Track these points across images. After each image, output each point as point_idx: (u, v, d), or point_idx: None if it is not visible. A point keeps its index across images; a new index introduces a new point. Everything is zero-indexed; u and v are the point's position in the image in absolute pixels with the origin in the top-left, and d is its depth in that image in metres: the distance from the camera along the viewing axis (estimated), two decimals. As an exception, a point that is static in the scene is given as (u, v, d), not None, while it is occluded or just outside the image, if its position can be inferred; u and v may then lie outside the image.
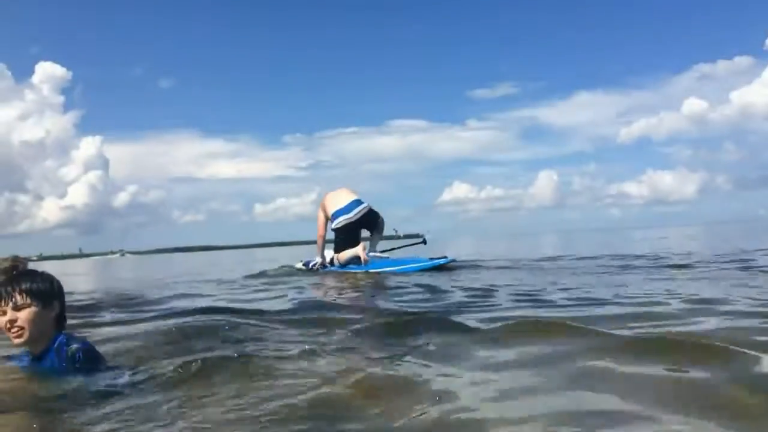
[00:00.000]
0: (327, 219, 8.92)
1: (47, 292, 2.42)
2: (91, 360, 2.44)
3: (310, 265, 9.30)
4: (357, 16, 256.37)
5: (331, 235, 9.00)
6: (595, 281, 5.69)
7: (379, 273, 7.94)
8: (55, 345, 2.39)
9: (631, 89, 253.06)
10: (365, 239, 8.93)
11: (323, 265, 9.06)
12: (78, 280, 13.96)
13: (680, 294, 4.27)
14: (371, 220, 8.77)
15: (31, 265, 2.62)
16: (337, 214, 8.66)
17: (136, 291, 7.24)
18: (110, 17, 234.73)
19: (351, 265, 8.54)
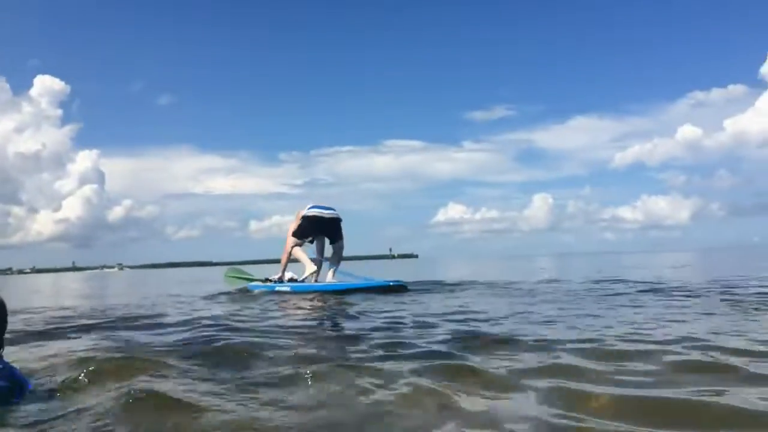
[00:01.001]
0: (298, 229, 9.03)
1: None
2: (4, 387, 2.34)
3: (269, 278, 9.40)
4: (354, 36, 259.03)
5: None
6: (548, 307, 5.84)
7: (335, 293, 8.09)
8: None
9: (626, 115, 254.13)
10: (320, 260, 9.22)
11: (280, 279, 9.20)
12: (90, 291, 14.11)
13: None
14: (336, 230, 9.09)
15: (23, 278, 2.71)
16: (315, 207, 9.01)
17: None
18: (111, 33, 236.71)
19: (307, 285, 8.78)
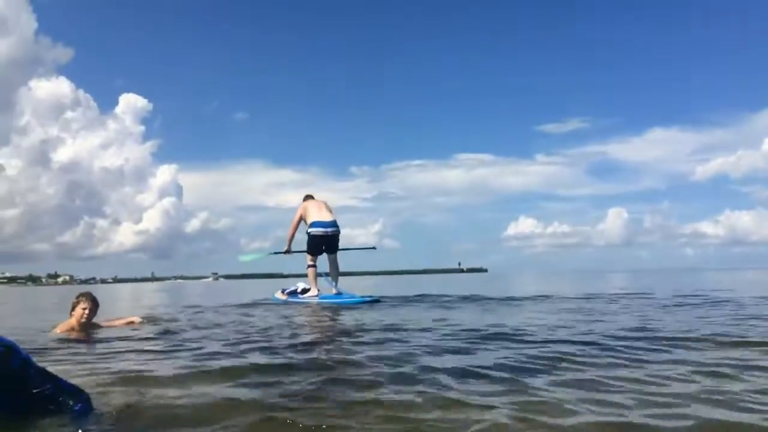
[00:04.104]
0: (301, 221, 10.35)
1: None
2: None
3: (289, 291, 10.71)
4: (424, 51, 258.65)
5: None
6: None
7: (329, 304, 9.46)
8: None
9: (708, 126, 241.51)
10: (324, 274, 10.48)
11: (287, 251, 10.62)
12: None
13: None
14: (333, 244, 10.28)
15: (106, 287, 2.70)
16: (317, 224, 10.15)
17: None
18: (192, 52, 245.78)
19: (308, 298, 10.23)
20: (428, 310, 7.99)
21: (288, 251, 10.70)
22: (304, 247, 10.39)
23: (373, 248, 12.15)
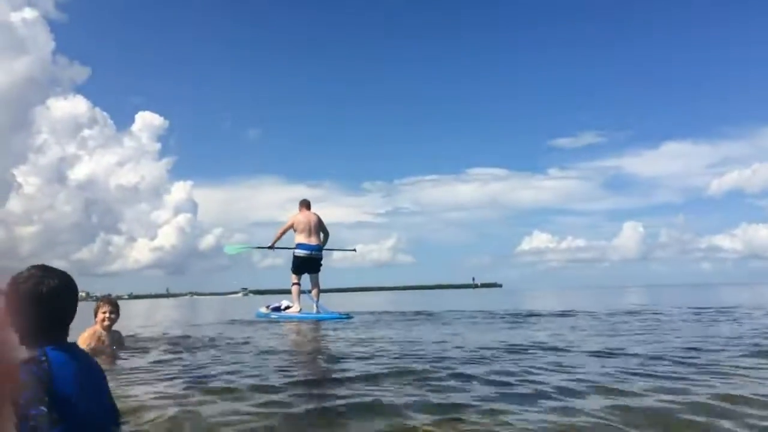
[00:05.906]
0: (290, 229, 11.10)
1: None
2: None
3: (273, 307, 11.47)
4: (437, 66, 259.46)
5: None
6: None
7: (308, 321, 10.14)
8: None
9: (723, 140, 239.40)
10: (305, 292, 11.21)
11: (271, 247, 11.44)
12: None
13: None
14: (316, 266, 11.12)
15: (122, 303, 2.62)
16: (301, 246, 10.98)
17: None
18: (207, 70, 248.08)
19: (289, 315, 11.03)
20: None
21: (271, 247, 11.55)
22: (285, 244, 11.26)
23: (353, 250, 13.81)
